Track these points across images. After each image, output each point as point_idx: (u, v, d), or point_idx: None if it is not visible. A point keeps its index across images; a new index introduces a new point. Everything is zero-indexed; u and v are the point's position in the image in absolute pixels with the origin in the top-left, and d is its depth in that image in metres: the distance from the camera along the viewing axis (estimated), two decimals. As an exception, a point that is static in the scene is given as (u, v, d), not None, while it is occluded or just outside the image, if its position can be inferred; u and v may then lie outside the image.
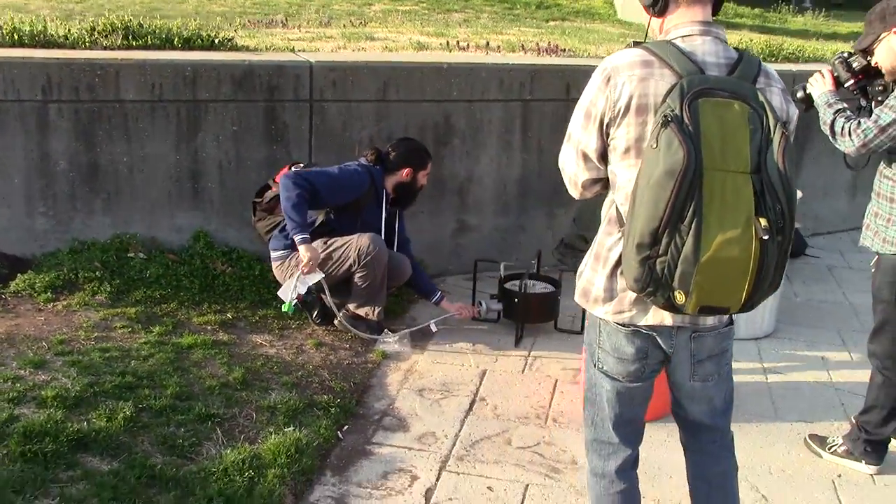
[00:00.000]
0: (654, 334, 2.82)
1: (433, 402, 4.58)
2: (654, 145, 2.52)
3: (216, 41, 5.96)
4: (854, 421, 4.23)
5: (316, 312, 5.27)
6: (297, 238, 4.84)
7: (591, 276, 2.86)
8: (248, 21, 8.37)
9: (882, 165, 3.95)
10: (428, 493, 3.79)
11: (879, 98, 3.85)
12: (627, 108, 2.65)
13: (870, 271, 4.05)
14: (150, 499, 3.51)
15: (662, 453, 4.13)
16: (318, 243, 4.96)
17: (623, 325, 2.82)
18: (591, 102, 2.72)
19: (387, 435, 4.24)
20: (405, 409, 4.48)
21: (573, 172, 2.85)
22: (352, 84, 5.76)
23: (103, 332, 4.81)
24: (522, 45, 7.48)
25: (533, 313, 5.46)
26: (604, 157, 2.77)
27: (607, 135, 2.70)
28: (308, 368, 4.74)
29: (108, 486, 3.51)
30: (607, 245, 2.80)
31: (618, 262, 2.75)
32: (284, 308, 4.95)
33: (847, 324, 6.04)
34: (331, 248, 4.97)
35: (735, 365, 5.06)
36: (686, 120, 2.50)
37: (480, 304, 5.49)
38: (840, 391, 4.98)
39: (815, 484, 4.05)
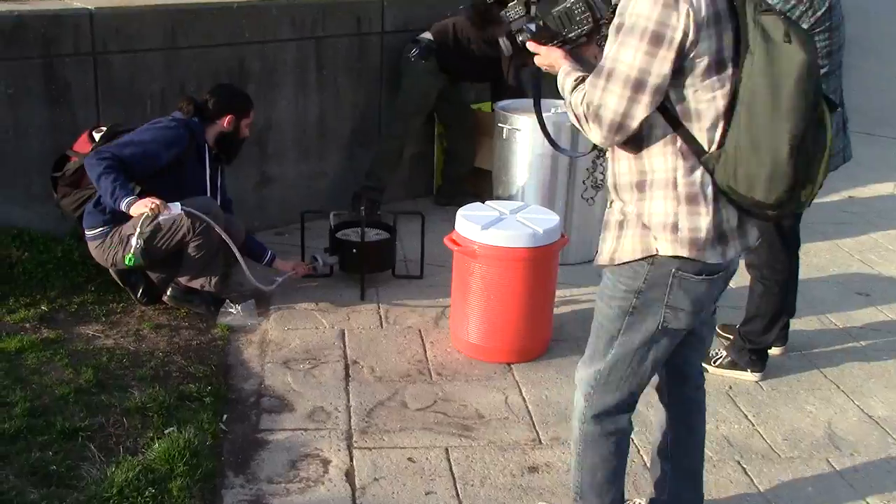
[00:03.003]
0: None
1: (305, 373, 4.21)
2: (788, 40, 2.30)
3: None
4: (735, 332, 4.33)
5: (141, 290, 4.69)
6: (123, 204, 4.23)
7: (694, 222, 2.49)
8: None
9: None
10: (349, 477, 3.47)
11: None
12: (708, 19, 2.37)
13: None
14: (45, 542, 2.97)
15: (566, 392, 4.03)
16: None
17: (716, 265, 2.57)
18: (660, 24, 2.34)
19: (273, 418, 3.84)
20: (279, 386, 4.09)
21: (622, 113, 2.40)
22: (137, 32, 5.11)
23: None
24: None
25: (371, 263, 5.16)
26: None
27: (686, 56, 2.38)
28: (159, 357, 4.21)
29: (-10, 538, 2.94)
30: (698, 181, 2.48)
31: (717, 195, 2.49)
32: (127, 262, 4.33)
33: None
34: (160, 219, 4.41)
35: (582, 292, 5.06)
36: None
37: (315, 260, 5.13)
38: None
39: (712, 397, 4.09)
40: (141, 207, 4.22)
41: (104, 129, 4.55)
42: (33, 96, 4.86)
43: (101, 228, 4.49)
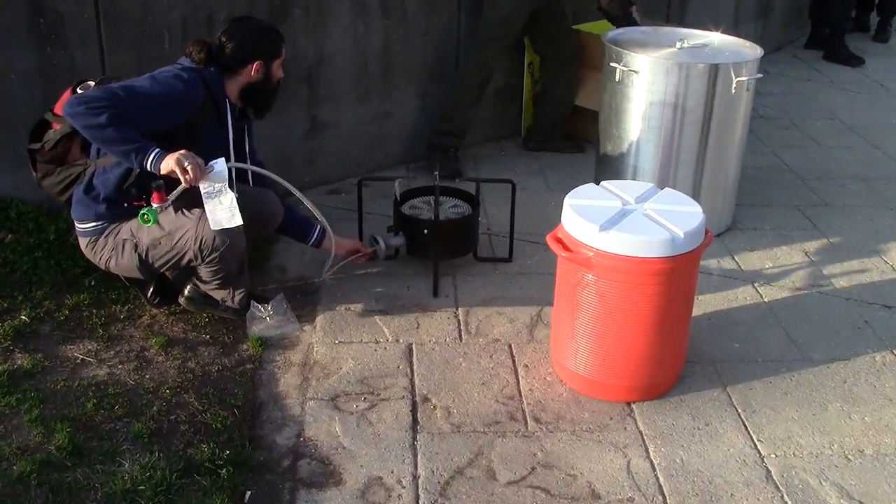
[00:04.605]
0: None
1: (358, 417, 3.15)
2: None
3: None
4: None
5: (151, 290, 3.65)
6: (150, 160, 3.14)
7: None
8: None
9: None
10: None
11: None
12: None
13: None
14: None
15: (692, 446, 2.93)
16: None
17: None
18: None
19: (314, 497, 2.79)
20: (323, 440, 3.03)
21: None
22: (148, -55, 3.97)
23: None
24: None
25: (450, 246, 4.04)
26: None
27: None
28: (165, 396, 3.18)
29: None
30: None
31: None
32: (145, 218, 3.21)
33: (800, 195, 5.04)
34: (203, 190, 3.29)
35: (715, 279, 3.96)
36: None
37: (376, 242, 4.02)
38: (851, 301, 3.94)
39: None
40: (174, 165, 3.13)
41: (92, 83, 3.43)
42: (16, 33, 3.78)
43: (92, 224, 3.42)
